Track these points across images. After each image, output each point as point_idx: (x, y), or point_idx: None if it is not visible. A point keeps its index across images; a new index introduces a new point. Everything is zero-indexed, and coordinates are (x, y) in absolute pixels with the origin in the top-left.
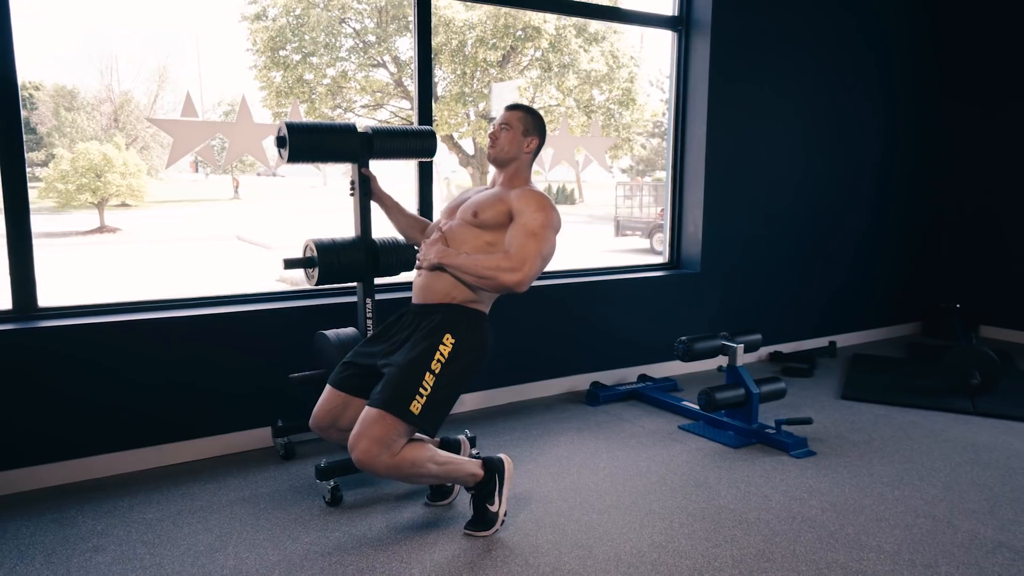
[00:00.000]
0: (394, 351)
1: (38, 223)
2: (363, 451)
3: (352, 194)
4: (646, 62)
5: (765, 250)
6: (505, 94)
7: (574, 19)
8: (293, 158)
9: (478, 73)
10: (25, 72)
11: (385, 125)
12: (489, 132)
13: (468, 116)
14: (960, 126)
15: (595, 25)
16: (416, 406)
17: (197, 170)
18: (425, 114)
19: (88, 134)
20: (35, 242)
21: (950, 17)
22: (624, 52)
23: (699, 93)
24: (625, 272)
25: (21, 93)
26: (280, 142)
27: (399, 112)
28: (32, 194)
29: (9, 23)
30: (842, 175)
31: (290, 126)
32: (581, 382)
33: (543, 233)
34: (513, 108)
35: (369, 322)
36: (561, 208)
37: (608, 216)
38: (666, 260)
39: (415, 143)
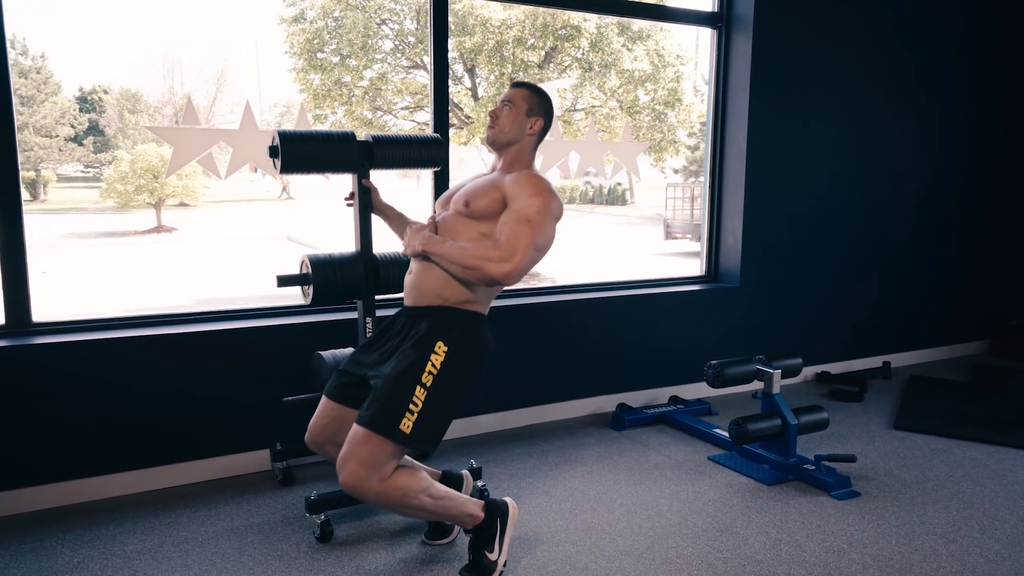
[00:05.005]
0: (385, 360)
1: (101, 223)
2: (349, 473)
3: (350, 205)
4: (697, 61)
5: (811, 262)
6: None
7: (616, 18)
8: (286, 168)
9: (521, 74)
10: (96, 76)
11: (387, 133)
12: (490, 110)
13: None
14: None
15: (639, 23)
16: (407, 424)
17: (256, 170)
18: (441, 120)
19: (150, 136)
20: (95, 241)
21: (1009, 14)
22: (670, 51)
23: (739, 94)
24: (658, 286)
25: (91, 97)
26: (272, 152)
27: None
28: (94, 194)
29: (1, 21)
30: (896, 181)
31: (283, 135)
32: (607, 403)
33: (538, 220)
34: (518, 85)
35: None
36: (611, 209)
37: (659, 217)
38: (703, 273)
39: (420, 152)
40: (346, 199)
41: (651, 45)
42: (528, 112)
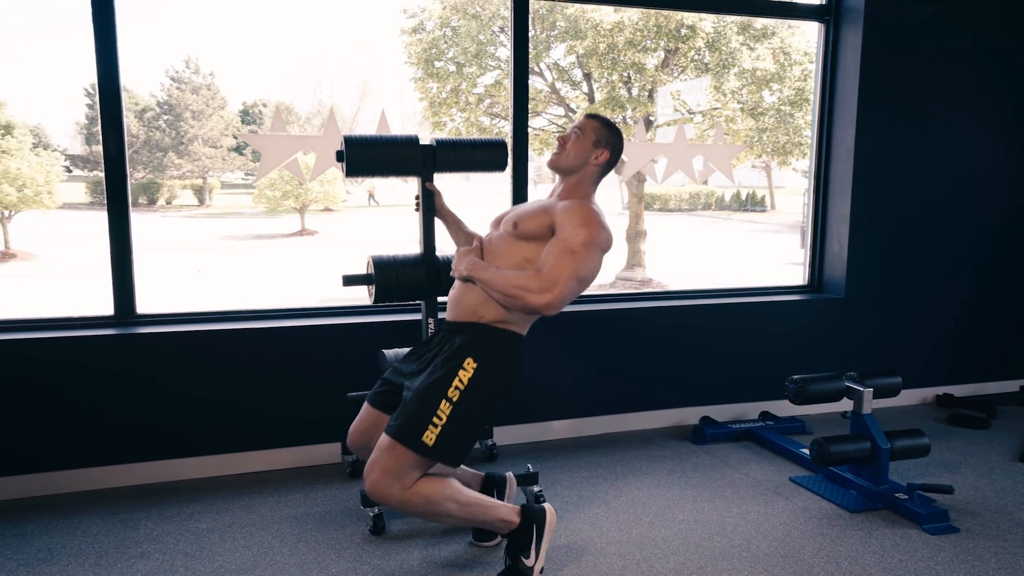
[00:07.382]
0: (420, 372)
1: (254, 226)
2: (373, 482)
3: (416, 209)
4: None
5: (929, 273)
6: (665, 98)
7: (734, 16)
8: (351, 172)
9: (639, 77)
10: (257, 91)
11: (451, 137)
12: (559, 135)
13: (625, 120)
14: None
15: (761, 21)
16: (430, 436)
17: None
18: (520, 125)
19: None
20: (247, 243)
21: None
22: (797, 48)
23: (848, 92)
24: (756, 295)
25: (252, 110)
26: (339, 156)
27: (555, 120)
28: (247, 200)
29: (114, 33)
30: None
31: (348, 139)
32: (691, 415)
33: (583, 252)
34: (591, 116)
35: None
36: (749, 216)
37: (799, 225)
38: (805, 282)
39: (483, 155)
40: (415, 207)
41: (776, 43)
42: (596, 143)
